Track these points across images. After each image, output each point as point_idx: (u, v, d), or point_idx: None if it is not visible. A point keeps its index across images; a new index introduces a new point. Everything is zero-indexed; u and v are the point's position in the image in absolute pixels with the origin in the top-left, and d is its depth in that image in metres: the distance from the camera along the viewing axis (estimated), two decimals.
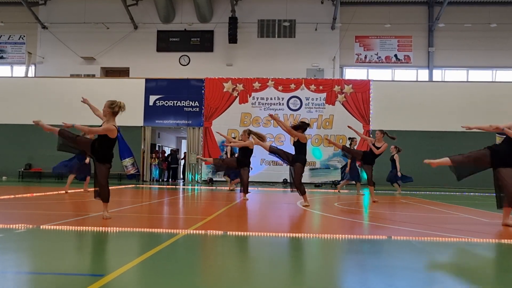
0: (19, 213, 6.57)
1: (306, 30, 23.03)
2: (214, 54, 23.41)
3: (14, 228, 4.87)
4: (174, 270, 3.29)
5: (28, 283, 2.94)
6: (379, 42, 23.47)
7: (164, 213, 7.13)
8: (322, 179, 19.26)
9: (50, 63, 23.74)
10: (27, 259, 3.69)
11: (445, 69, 23.51)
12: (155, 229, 5.14)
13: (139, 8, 23.48)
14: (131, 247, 4.35)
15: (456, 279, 3.33)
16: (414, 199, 11.54)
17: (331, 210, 8.08)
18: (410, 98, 19.84)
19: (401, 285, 3.08)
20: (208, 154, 19.76)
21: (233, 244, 4.58)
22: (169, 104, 20.20)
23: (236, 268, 3.55)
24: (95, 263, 3.61)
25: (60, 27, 23.63)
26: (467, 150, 6.51)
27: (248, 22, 23.12)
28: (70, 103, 20.05)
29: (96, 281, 2.82)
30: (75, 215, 6.28)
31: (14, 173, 19.85)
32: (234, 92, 20.00)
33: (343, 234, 5.04)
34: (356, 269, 3.58)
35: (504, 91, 19.93)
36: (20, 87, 20.96)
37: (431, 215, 8.00)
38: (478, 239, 4.87)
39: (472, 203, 10.62)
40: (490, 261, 3.91)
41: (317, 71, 22.60)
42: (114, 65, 23.77)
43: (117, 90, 20.30)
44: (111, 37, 23.40)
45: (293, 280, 3.13)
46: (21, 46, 24.54)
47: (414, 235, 5.07)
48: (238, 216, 7.26)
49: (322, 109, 19.79)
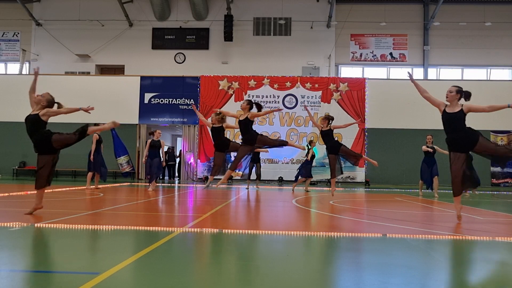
0: (14, 211, 6.55)
1: (302, 28, 23.03)
2: (210, 52, 23.38)
3: (8, 226, 4.85)
4: (170, 268, 3.29)
5: (22, 281, 2.93)
6: (375, 40, 23.51)
7: (160, 211, 7.12)
8: (317, 177, 19.30)
9: (45, 60, 23.60)
10: (22, 257, 3.67)
11: (440, 68, 23.60)
12: (151, 227, 5.14)
13: (134, 6, 23.40)
14: (126, 245, 4.34)
15: (450, 277, 3.35)
16: (408, 197, 11.59)
17: (326, 208, 8.10)
18: (405, 96, 19.86)
19: (396, 282, 3.10)
20: (203, 152, 19.75)
21: (228, 242, 4.58)
22: (164, 102, 20.15)
23: (231, 266, 3.55)
24: (90, 261, 3.61)
25: (55, 24, 23.51)
26: None
27: (243, 20, 23.09)
28: (64, 100, 19.93)
29: (91, 279, 2.82)
30: (70, 213, 6.26)
31: (9, 171, 19.75)
32: (230, 90, 19.97)
33: (338, 232, 5.06)
34: (351, 267, 3.59)
35: (499, 89, 20.02)
36: (14, 85, 20.81)
37: (425, 212, 8.04)
38: (472, 237, 4.90)
39: (466, 201, 10.67)
40: (484, 259, 3.94)
41: (313, 69, 22.62)
42: (109, 62, 23.69)
43: (112, 87, 20.26)
44: (106, 34, 23.31)
45: (288, 278, 3.14)
46: (15, 43, 24.39)
47: (409, 232, 5.10)
48: (233, 214, 7.27)
49: (317, 107, 19.80)
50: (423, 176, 11.95)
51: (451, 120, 5.81)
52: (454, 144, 5.78)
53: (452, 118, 5.79)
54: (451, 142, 5.82)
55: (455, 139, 5.78)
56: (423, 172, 11.92)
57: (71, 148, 6.22)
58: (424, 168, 11.88)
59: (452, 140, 5.82)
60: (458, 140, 5.76)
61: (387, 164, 19.16)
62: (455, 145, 5.77)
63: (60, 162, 6.25)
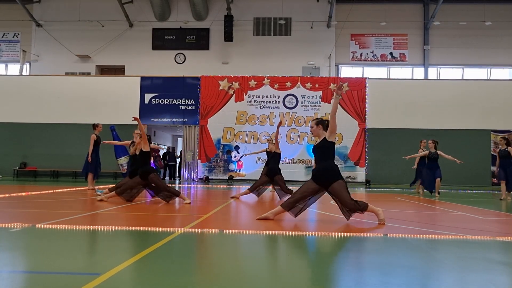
0: (14, 212, 6.55)
1: (302, 28, 23.04)
2: (210, 52, 23.39)
3: (9, 227, 4.84)
4: (171, 268, 3.29)
5: (23, 282, 2.93)
6: (375, 40, 23.51)
7: (160, 212, 7.11)
8: None
9: (45, 61, 23.64)
10: (22, 258, 3.67)
11: (440, 67, 23.60)
12: (151, 228, 5.13)
13: (134, 6, 23.42)
14: (127, 246, 4.34)
15: (451, 277, 3.35)
16: (409, 197, 11.58)
17: (326, 207, 8.10)
18: (406, 96, 19.89)
19: (397, 282, 3.09)
20: (204, 152, 19.75)
21: (229, 242, 4.58)
22: (164, 102, 20.15)
23: (233, 266, 3.55)
24: (90, 262, 3.60)
25: (55, 25, 23.53)
26: (462, 148, 6.55)
27: (243, 20, 23.10)
28: (65, 101, 19.99)
29: (92, 280, 2.82)
30: (70, 213, 6.26)
31: (9, 171, 19.75)
32: (230, 90, 19.97)
33: (339, 232, 5.06)
34: (352, 267, 3.58)
35: (499, 89, 20.02)
36: (15, 85, 20.84)
37: (426, 212, 8.03)
38: (474, 237, 4.89)
39: (467, 200, 10.67)
40: (485, 258, 3.93)
41: (313, 69, 22.62)
42: (109, 63, 23.71)
43: (113, 88, 20.27)
44: (106, 35, 23.34)
45: (289, 278, 3.14)
46: (15, 44, 24.41)
47: (410, 232, 5.09)
48: (234, 214, 7.27)
49: (318, 107, 19.80)
50: (425, 181, 11.71)
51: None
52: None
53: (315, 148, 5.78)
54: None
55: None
56: (425, 177, 11.66)
57: (71, 149, 6.23)
58: (426, 173, 11.60)
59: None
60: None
61: (387, 163, 19.17)
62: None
63: (60, 163, 6.25)
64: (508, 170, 11.07)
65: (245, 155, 17.83)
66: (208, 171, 19.72)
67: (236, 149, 19.72)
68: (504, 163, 11.17)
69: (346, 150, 19.47)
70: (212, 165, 19.77)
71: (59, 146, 19.34)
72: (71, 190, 11.17)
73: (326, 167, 5.62)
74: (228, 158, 19.79)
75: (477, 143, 19.01)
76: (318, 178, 5.65)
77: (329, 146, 5.66)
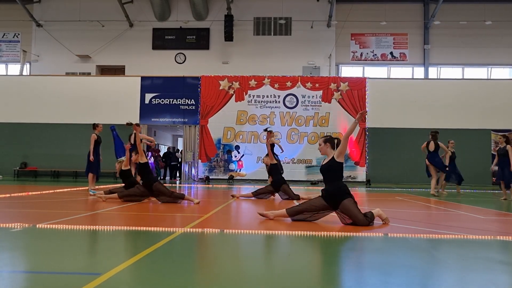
0: (15, 212, 6.55)
1: (302, 28, 23.04)
2: (210, 52, 23.39)
3: (10, 227, 4.85)
4: (171, 268, 3.29)
5: (24, 282, 2.93)
6: (375, 39, 23.50)
7: (161, 212, 7.11)
8: (318, 176, 19.28)
9: (45, 61, 23.65)
10: (23, 258, 3.67)
11: (440, 67, 23.59)
12: (152, 228, 5.14)
13: (135, 6, 23.42)
14: (127, 246, 4.34)
15: (452, 276, 3.34)
16: (409, 196, 11.58)
17: None
18: (406, 96, 19.89)
19: (397, 282, 3.09)
20: (204, 152, 19.75)
21: (230, 242, 4.58)
22: (165, 102, 20.14)
23: (233, 266, 3.55)
24: (91, 262, 3.60)
25: (55, 25, 23.53)
26: (462, 148, 6.52)
27: (244, 20, 23.10)
28: (65, 101, 19.99)
29: (93, 279, 2.82)
30: (71, 213, 6.26)
31: (10, 172, 19.74)
32: (230, 90, 19.96)
33: (339, 232, 5.05)
34: (352, 267, 3.58)
35: (499, 88, 20.01)
36: (15, 85, 20.84)
37: (426, 212, 8.03)
38: (474, 236, 4.89)
39: (467, 200, 10.67)
40: (486, 258, 3.93)
41: (313, 68, 22.62)
42: (109, 63, 23.71)
43: (113, 88, 20.27)
44: (106, 35, 23.34)
45: (290, 277, 3.14)
46: (15, 44, 24.41)
47: (410, 232, 5.09)
48: (234, 214, 7.27)
49: (318, 107, 19.80)
50: (449, 173, 12.69)
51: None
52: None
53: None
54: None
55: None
56: (451, 169, 12.73)
57: (72, 149, 6.23)
58: (452, 166, 12.82)
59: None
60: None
61: (388, 163, 19.17)
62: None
63: (61, 163, 6.25)
64: (505, 169, 11.07)
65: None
66: (209, 171, 19.72)
67: (237, 149, 19.72)
68: (502, 162, 11.20)
69: (346, 150, 19.44)
70: (213, 165, 19.77)
71: (60, 146, 19.35)
72: (72, 190, 11.17)
73: (334, 188, 5.64)
74: (229, 158, 19.79)
75: (478, 143, 19.00)
76: (327, 198, 5.70)
77: (337, 167, 5.62)
